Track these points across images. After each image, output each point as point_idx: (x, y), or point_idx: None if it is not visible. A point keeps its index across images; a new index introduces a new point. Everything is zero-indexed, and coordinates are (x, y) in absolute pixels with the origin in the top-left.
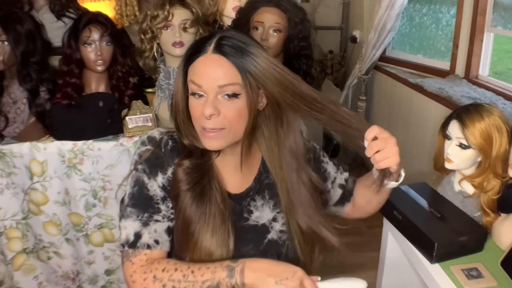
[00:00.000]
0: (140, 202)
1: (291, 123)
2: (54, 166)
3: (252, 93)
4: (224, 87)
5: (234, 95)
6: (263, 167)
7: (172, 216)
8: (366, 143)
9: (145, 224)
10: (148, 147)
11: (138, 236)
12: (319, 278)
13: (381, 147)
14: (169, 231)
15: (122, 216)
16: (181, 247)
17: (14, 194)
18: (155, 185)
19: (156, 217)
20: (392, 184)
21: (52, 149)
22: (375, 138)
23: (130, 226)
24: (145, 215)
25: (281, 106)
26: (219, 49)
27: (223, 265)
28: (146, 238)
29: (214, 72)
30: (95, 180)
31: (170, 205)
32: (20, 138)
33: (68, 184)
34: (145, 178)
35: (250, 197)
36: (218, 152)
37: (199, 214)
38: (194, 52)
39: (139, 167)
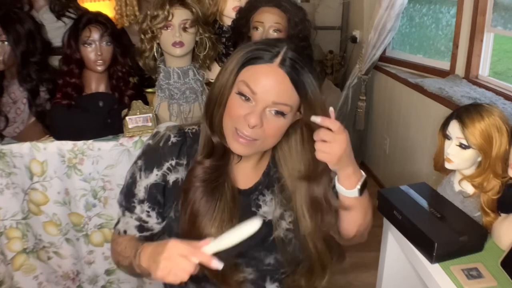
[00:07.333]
0: (126, 194)
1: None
2: (54, 166)
3: (297, 115)
4: (277, 105)
5: (282, 114)
6: (272, 162)
7: (144, 218)
8: (317, 119)
9: (122, 214)
10: (150, 141)
11: (118, 221)
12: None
13: (328, 140)
14: (141, 228)
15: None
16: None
17: (14, 194)
18: (142, 185)
19: (127, 213)
20: (342, 189)
21: (52, 149)
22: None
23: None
24: (121, 208)
25: (310, 127)
26: (284, 65)
27: (138, 246)
28: (120, 225)
29: (274, 87)
30: (95, 180)
31: (146, 208)
32: (20, 138)
33: (68, 184)
34: (138, 176)
35: (259, 191)
36: (240, 157)
37: (207, 208)
38: (257, 57)
39: (139, 161)
